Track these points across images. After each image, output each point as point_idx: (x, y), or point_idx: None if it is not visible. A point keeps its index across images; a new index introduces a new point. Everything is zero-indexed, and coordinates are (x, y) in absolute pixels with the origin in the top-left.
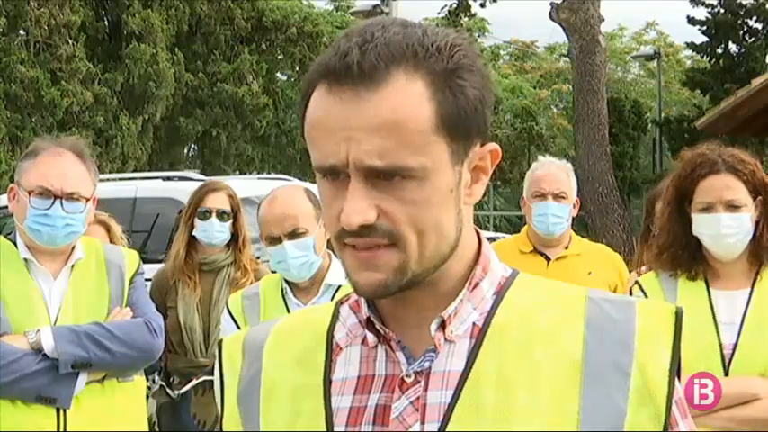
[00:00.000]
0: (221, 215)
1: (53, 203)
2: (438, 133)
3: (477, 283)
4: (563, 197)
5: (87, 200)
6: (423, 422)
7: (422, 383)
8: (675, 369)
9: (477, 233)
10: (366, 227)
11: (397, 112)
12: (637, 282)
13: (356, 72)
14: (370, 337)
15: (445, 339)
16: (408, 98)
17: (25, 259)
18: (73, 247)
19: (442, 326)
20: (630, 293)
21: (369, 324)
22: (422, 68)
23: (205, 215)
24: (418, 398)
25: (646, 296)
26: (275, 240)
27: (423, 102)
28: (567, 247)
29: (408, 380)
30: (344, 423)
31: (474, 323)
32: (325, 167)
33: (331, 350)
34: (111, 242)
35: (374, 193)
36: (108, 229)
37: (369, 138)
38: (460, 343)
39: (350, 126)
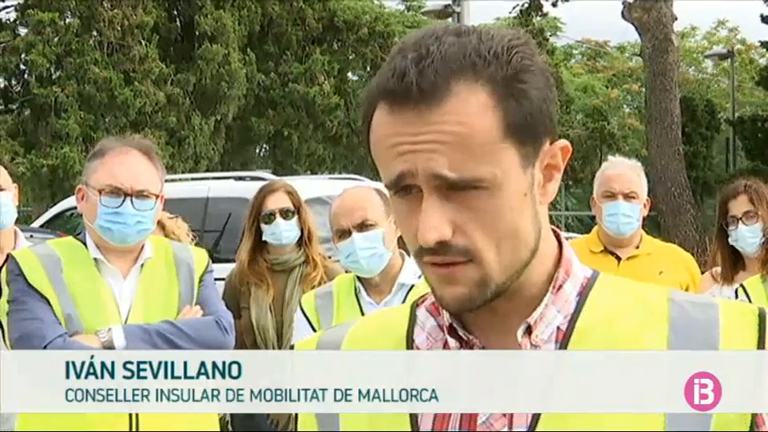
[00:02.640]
0: (285, 214)
1: (123, 201)
2: (506, 141)
3: (560, 286)
4: (633, 197)
5: (156, 197)
6: (510, 426)
7: None
8: None
9: (557, 235)
10: (442, 244)
11: (463, 125)
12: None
13: (416, 92)
14: (452, 343)
15: (531, 344)
16: (472, 110)
17: (95, 259)
18: (142, 247)
19: (528, 331)
20: (736, 296)
21: (451, 330)
22: (482, 78)
23: (270, 218)
24: None
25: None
26: (345, 234)
27: (487, 112)
28: (637, 247)
29: None
30: (431, 424)
31: (558, 327)
32: (394, 180)
33: None
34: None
35: (448, 207)
36: (163, 227)
37: (437, 152)
38: (545, 348)
39: (417, 142)
